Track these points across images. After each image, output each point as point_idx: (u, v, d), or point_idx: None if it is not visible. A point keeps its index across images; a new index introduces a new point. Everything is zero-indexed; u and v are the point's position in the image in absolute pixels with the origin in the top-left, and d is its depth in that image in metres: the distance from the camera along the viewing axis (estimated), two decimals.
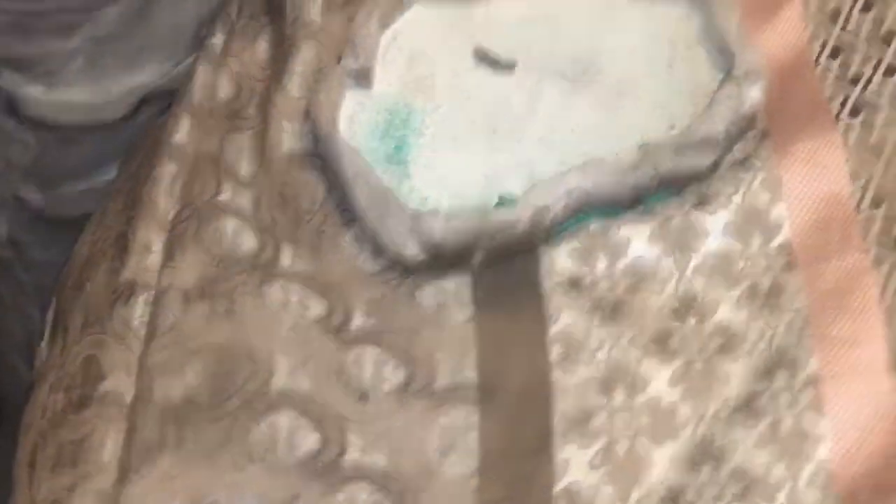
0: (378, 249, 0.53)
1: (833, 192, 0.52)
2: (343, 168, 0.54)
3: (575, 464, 0.46)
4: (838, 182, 0.52)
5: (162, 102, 0.64)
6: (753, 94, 0.53)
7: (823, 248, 0.51)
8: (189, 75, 0.62)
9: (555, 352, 0.49)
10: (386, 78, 0.59)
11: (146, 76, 0.64)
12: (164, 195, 0.57)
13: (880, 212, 0.51)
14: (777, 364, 0.47)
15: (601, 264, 0.52)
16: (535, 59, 0.58)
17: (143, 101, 0.65)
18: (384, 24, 0.61)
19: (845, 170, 0.52)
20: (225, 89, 0.61)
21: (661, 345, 0.49)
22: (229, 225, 0.55)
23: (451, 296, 0.52)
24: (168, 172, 0.58)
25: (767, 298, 0.50)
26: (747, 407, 0.46)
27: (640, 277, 0.51)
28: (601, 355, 0.49)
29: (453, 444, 0.47)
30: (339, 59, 0.59)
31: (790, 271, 0.50)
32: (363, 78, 0.59)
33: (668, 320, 0.50)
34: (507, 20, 0.60)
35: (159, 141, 0.60)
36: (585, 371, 0.48)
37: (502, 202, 0.53)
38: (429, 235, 0.51)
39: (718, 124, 0.52)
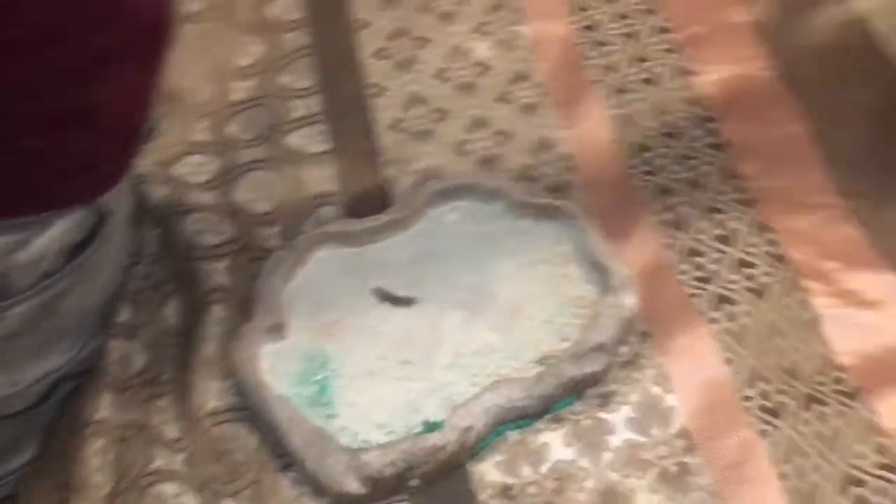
0: (319, 489, 0.56)
1: (713, 378, 0.59)
2: (274, 416, 0.57)
3: None
4: (715, 369, 0.60)
5: (75, 381, 0.65)
6: (630, 301, 0.61)
7: (715, 427, 0.57)
8: (101, 353, 0.64)
9: None
10: (297, 328, 0.64)
11: (54, 362, 0.64)
12: (97, 472, 0.58)
13: (755, 389, 0.58)
14: None
15: (526, 471, 0.57)
16: (432, 292, 0.65)
17: (54, 385, 0.64)
18: (286, 279, 0.66)
19: (719, 357, 0.60)
20: (139, 360, 0.64)
21: None
22: (168, 489, 0.57)
23: None
24: (96, 450, 0.59)
25: (676, 480, 0.56)
26: None
27: (563, 478, 0.56)
28: None
29: None
30: (250, 318, 0.63)
31: (691, 453, 0.57)
32: (276, 332, 0.63)
33: None
34: (400, 259, 0.67)
35: (81, 420, 0.61)
36: None
37: (429, 427, 0.57)
38: (367, 469, 0.55)
39: (607, 331, 0.59)
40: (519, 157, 0.72)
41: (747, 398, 0.58)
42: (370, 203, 0.70)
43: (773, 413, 0.57)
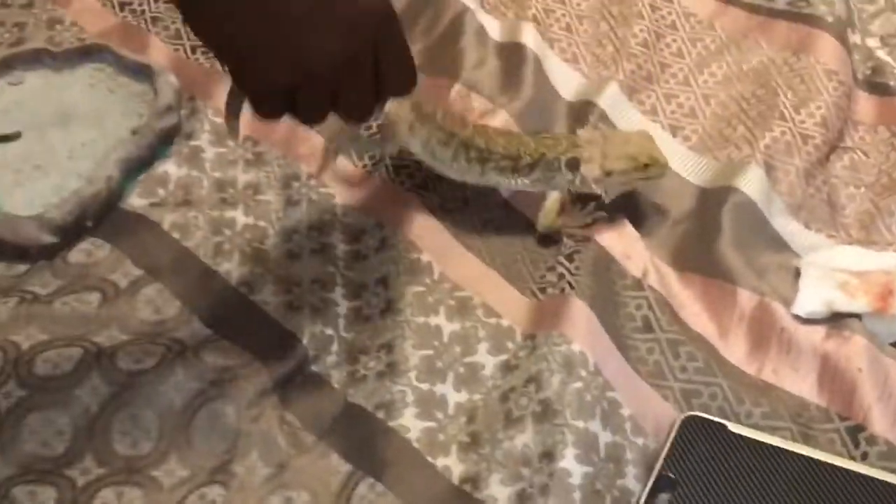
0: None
1: None
2: None
3: None
4: None
5: None
6: (172, 80, 0.88)
7: None
8: None
9: None
10: None
11: None
12: None
13: None
14: None
15: (160, 192, 0.81)
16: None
17: None
18: None
19: None
20: None
21: None
22: None
23: None
24: None
25: None
26: None
27: (185, 185, 0.82)
28: None
29: None
30: None
31: None
32: None
33: None
34: None
35: None
36: None
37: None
38: (54, 223, 0.76)
39: (167, 97, 0.86)
40: None
41: None
42: None
43: None
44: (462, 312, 0.74)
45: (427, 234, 0.79)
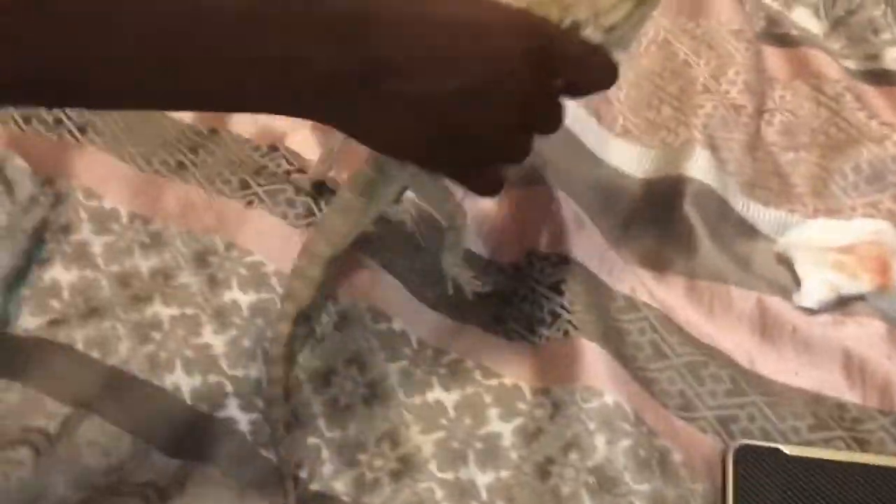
0: None
1: None
2: None
3: None
4: None
5: None
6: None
7: None
8: None
9: None
10: None
11: None
12: None
13: None
14: None
15: None
16: None
17: None
18: None
19: None
20: None
21: None
22: None
23: None
24: None
25: None
26: None
27: None
28: None
29: None
30: None
31: None
32: None
33: None
34: None
35: None
36: None
37: None
38: None
39: None
40: None
41: None
42: None
43: None
44: (458, 379, 0.66)
45: (391, 296, 0.69)
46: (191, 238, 0.71)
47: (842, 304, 0.69)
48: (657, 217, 0.74)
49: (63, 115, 0.76)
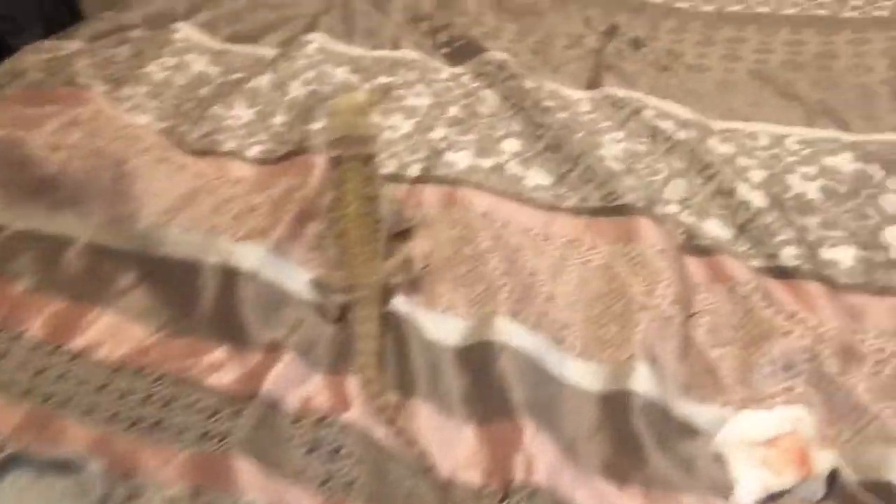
0: None
1: None
2: None
3: None
4: None
5: None
6: None
7: None
8: None
9: None
10: None
11: None
12: None
13: None
14: None
15: None
16: None
17: None
18: None
19: None
20: None
21: None
22: None
23: None
24: None
25: None
26: None
27: None
28: None
29: None
30: None
31: None
32: None
33: None
34: None
35: None
36: None
37: None
38: None
39: None
40: None
41: None
42: None
43: None
44: None
45: None
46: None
47: (771, 498, 0.83)
48: (610, 431, 0.89)
49: None
